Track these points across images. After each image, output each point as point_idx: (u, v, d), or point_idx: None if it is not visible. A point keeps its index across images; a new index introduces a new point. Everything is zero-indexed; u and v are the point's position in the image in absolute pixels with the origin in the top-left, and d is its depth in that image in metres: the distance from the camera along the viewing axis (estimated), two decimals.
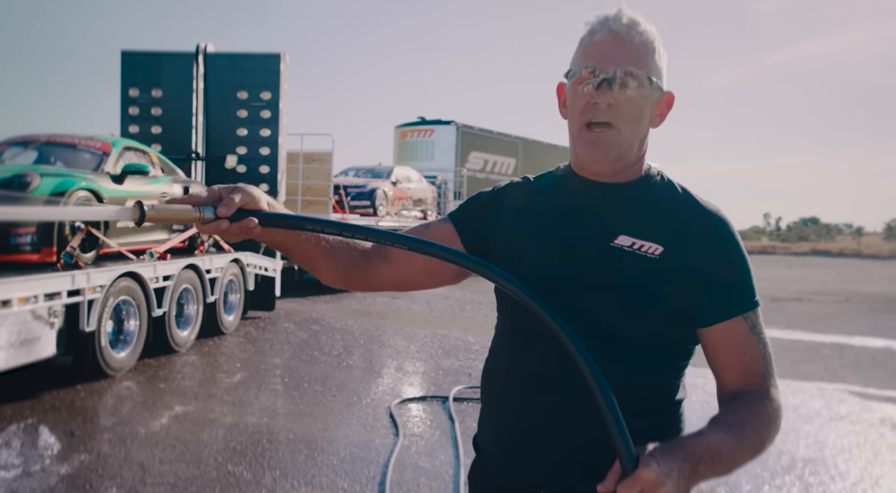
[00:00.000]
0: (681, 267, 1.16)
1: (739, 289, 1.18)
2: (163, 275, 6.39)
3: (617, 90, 1.13)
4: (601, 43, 1.15)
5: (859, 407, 5.84)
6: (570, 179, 1.27)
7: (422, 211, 15.56)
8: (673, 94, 1.22)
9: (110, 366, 5.63)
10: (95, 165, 6.34)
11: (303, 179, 11.76)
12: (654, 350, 1.18)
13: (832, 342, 8.97)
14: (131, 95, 9.09)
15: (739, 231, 1.22)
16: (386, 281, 1.32)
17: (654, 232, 1.17)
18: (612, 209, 1.21)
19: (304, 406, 5.17)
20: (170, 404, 5.12)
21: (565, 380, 1.16)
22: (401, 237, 1.13)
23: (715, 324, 1.17)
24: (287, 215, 1.13)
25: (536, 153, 21.81)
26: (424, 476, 3.90)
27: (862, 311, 12.76)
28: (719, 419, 1.11)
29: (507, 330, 1.29)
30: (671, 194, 1.23)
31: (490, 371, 1.33)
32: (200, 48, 8.99)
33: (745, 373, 1.17)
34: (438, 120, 19.55)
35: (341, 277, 1.29)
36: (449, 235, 1.31)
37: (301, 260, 1.25)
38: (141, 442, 4.25)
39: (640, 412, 1.16)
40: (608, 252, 1.18)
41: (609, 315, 1.16)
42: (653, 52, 1.16)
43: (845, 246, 40.30)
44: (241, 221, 1.06)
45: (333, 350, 7.17)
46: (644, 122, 1.18)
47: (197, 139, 9.07)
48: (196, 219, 1.03)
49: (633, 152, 1.20)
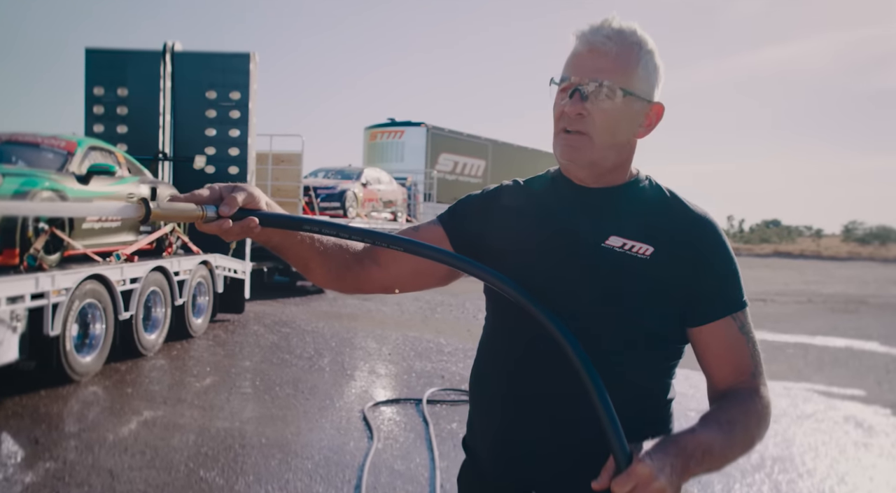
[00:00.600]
0: (671, 268, 1.17)
1: (729, 289, 1.21)
2: (130, 277, 6.26)
3: (589, 100, 1.15)
4: (578, 54, 1.17)
5: (824, 406, 5.98)
6: (560, 182, 1.28)
7: (392, 213, 15.51)
8: (662, 104, 1.22)
9: (75, 371, 5.49)
10: (60, 164, 6.19)
11: (272, 181, 11.64)
12: (646, 350, 1.19)
13: (796, 342, 9.16)
14: (96, 93, 8.90)
15: None
16: (376, 284, 1.32)
17: (644, 233, 1.19)
18: (603, 211, 1.22)
19: (276, 410, 5.11)
20: (138, 409, 5.02)
21: (558, 379, 1.16)
22: (396, 239, 1.13)
23: (705, 324, 1.19)
24: (286, 216, 1.12)
25: (506, 155, 21.91)
26: (400, 479, 3.88)
27: (823, 311, 13.07)
28: (710, 417, 1.13)
29: (497, 331, 1.29)
30: (660, 198, 1.25)
31: (480, 372, 1.32)
32: (168, 47, 8.84)
33: (734, 372, 1.20)
34: (408, 122, 19.52)
35: (333, 278, 1.28)
36: (438, 238, 1.31)
37: (295, 261, 1.24)
38: (109, 449, 4.16)
39: (631, 410, 1.17)
40: (599, 253, 1.19)
41: (601, 315, 1.17)
42: (635, 63, 1.16)
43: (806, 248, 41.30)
44: (241, 221, 1.06)
45: (304, 353, 7.11)
46: (620, 132, 1.18)
47: (164, 139, 8.92)
48: (199, 217, 1.03)
49: (608, 160, 1.20)
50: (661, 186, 1.27)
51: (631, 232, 1.19)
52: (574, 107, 1.15)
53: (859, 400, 6.24)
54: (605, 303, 1.17)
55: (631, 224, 1.20)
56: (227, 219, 1.04)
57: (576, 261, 1.19)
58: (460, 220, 1.33)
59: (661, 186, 1.27)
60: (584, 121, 1.16)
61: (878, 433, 5.25)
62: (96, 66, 8.88)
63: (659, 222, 1.20)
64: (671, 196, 1.25)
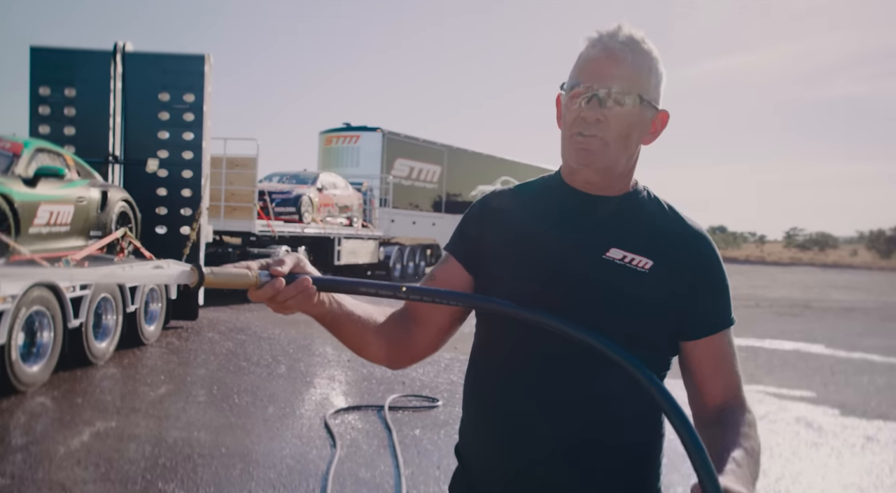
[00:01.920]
0: (669, 281, 1.19)
1: (723, 305, 1.24)
2: (80, 284, 6.05)
3: (606, 107, 1.16)
4: (595, 59, 1.17)
5: (776, 407, 6.15)
6: (561, 189, 1.27)
7: (347, 218, 15.40)
8: (668, 112, 1.24)
9: (21, 381, 5.28)
10: (5, 167, 5.96)
11: (226, 185, 11.44)
12: (642, 361, 1.19)
13: (746, 345, 9.41)
14: (41, 93, 8.60)
15: None
16: (422, 346, 1.29)
17: (643, 246, 1.20)
18: (604, 222, 1.22)
19: (235, 419, 5.00)
20: (89, 419, 4.84)
21: (565, 387, 1.17)
22: (462, 296, 1.16)
23: (701, 338, 1.21)
24: (341, 279, 1.08)
25: (461, 161, 21.96)
26: (365, 488, 3.84)
27: (770, 315, 13.46)
28: (738, 443, 1.11)
29: (499, 339, 1.26)
30: (659, 211, 1.26)
31: (479, 381, 1.29)
32: (119, 47, 8.61)
33: (726, 386, 1.22)
34: (364, 126, 19.40)
35: (389, 351, 1.25)
36: (457, 274, 1.28)
37: (350, 336, 1.20)
38: (60, 462, 4.00)
39: (625, 421, 1.19)
40: (600, 265, 1.19)
41: (599, 326, 1.16)
42: (648, 72, 1.18)
43: (750, 253, 42.59)
44: (296, 281, 1.03)
45: (262, 360, 6.98)
46: (633, 138, 1.20)
47: (115, 141, 8.67)
48: (253, 283, 1.00)
49: (619, 166, 1.21)
50: (659, 199, 1.28)
51: (631, 245, 1.20)
52: (593, 112, 1.15)
53: (809, 401, 6.44)
54: (604, 315, 1.17)
55: (631, 237, 1.21)
56: (280, 279, 1.02)
57: (576, 272, 1.19)
58: (466, 243, 1.30)
59: (659, 198, 1.29)
60: (600, 126, 1.16)
61: (828, 433, 5.42)
62: (42, 65, 8.58)
63: (658, 236, 1.22)
64: (670, 210, 1.27)
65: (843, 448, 5.06)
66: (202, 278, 0.95)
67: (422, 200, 20.51)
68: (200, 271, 0.95)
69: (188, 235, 8.57)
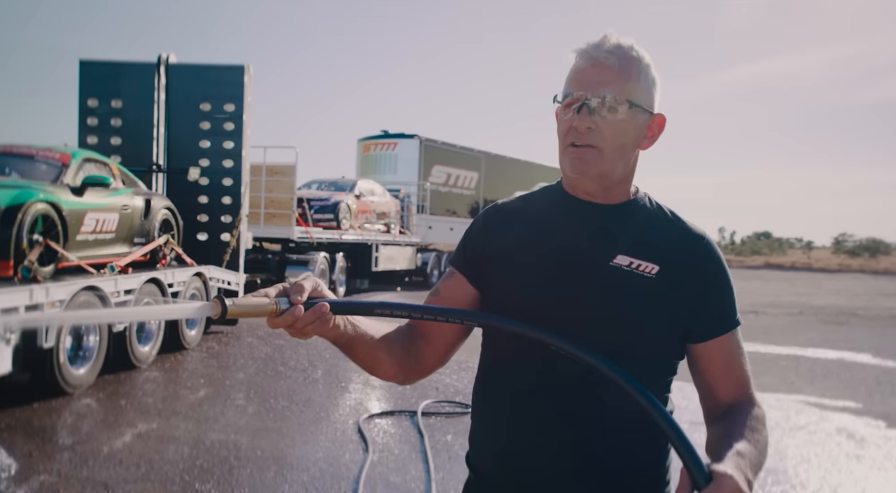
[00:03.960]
0: (676, 286, 1.21)
1: (729, 307, 1.26)
2: (124, 289, 6.25)
3: (596, 114, 1.17)
4: (581, 69, 1.20)
5: (816, 417, 6.01)
6: (563, 198, 1.29)
7: (385, 224, 15.54)
8: (664, 116, 1.25)
9: (69, 383, 5.47)
10: (54, 176, 6.19)
11: (266, 192, 11.65)
12: (650, 366, 1.22)
13: (788, 354, 9.21)
14: (90, 105, 8.89)
15: None
16: (431, 361, 1.31)
17: (649, 252, 1.22)
18: (609, 229, 1.24)
19: (271, 422, 5.10)
20: (132, 421, 5.00)
21: (577, 400, 1.20)
22: (473, 315, 1.19)
23: (710, 339, 1.24)
24: (357, 302, 1.10)
25: (499, 167, 21.96)
26: (396, 492, 3.88)
27: (815, 323, 13.15)
28: (738, 431, 1.13)
29: (510, 350, 1.27)
30: (662, 217, 1.28)
31: (489, 390, 1.31)
32: (162, 59, 8.86)
33: (736, 385, 1.25)
34: (402, 133, 19.54)
35: (401, 369, 1.27)
36: (463, 288, 1.31)
37: (364, 356, 1.22)
38: (103, 461, 4.14)
39: (635, 426, 1.20)
40: (607, 271, 1.21)
41: (609, 333, 1.19)
42: (637, 76, 1.19)
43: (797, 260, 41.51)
44: (314, 307, 1.05)
45: (298, 365, 7.10)
46: (627, 144, 1.21)
47: (158, 151, 8.91)
48: (273, 311, 1.02)
49: (617, 172, 1.23)
50: (661, 205, 1.30)
51: (637, 251, 1.22)
52: (583, 121, 1.17)
53: (851, 412, 6.28)
54: (613, 321, 1.19)
55: (637, 243, 1.23)
56: (299, 306, 1.03)
57: (584, 279, 1.21)
58: (470, 256, 1.32)
59: (660, 204, 1.31)
60: (592, 134, 1.18)
61: (870, 445, 5.28)
62: (90, 78, 8.88)
63: (662, 241, 1.24)
64: (672, 215, 1.29)
65: (885, 461, 4.93)
66: (225, 309, 0.97)
67: (459, 207, 20.56)
68: (223, 303, 0.97)
69: (228, 242, 8.77)
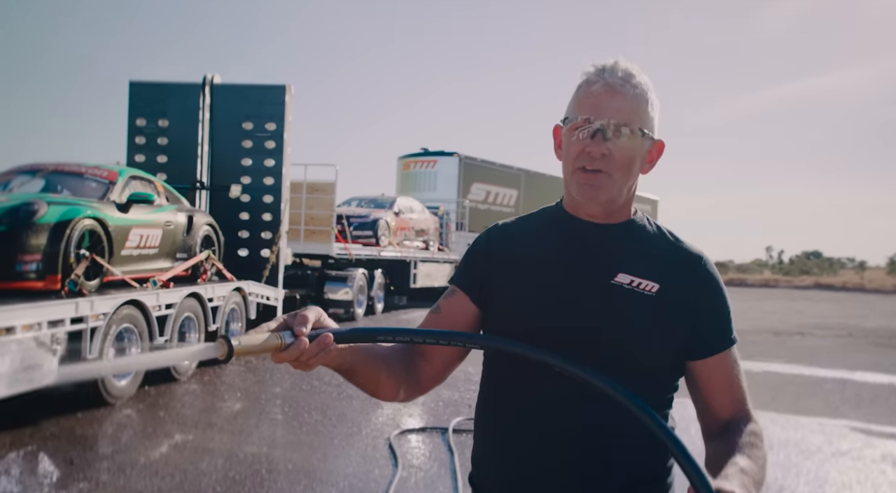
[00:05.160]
0: (675, 304, 1.23)
1: (727, 324, 1.28)
2: (165, 303, 6.42)
3: (610, 140, 1.19)
4: (597, 94, 1.21)
5: (861, 443, 5.81)
6: (564, 218, 1.31)
7: (424, 241, 15.62)
8: (663, 142, 1.28)
9: (111, 394, 5.64)
10: (101, 193, 6.42)
11: (306, 209, 11.84)
12: (650, 383, 1.23)
13: (834, 377, 8.93)
14: (138, 124, 9.22)
15: (741, 264, 1.30)
16: (430, 379, 1.33)
17: (648, 271, 1.24)
18: (609, 249, 1.27)
19: (304, 436, 5.16)
20: (169, 432, 5.12)
21: (586, 413, 1.21)
22: (475, 337, 1.23)
23: (709, 357, 1.25)
24: (359, 329, 1.11)
25: (538, 185, 21.94)
26: None
27: (864, 346, 12.72)
28: (739, 447, 1.15)
29: (508, 374, 1.28)
30: (660, 236, 1.31)
31: (490, 406, 1.33)
32: (207, 79, 9.15)
33: (734, 401, 1.26)
34: (441, 151, 19.70)
35: (401, 389, 1.28)
36: (463, 306, 1.32)
37: (366, 380, 1.23)
38: (140, 471, 4.25)
39: (637, 445, 1.21)
40: (608, 290, 1.23)
41: (611, 351, 1.20)
42: (646, 104, 1.22)
43: (848, 280, 40.24)
44: (317, 339, 1.05)
45: (333, 380, 7.16)
46: (634, 169, 1.24)
47: (202, 168, 9.17)
48: (278, 346, 1.02)
49: (622, 196, 1.26)
50: (659, 226, 1.33)
51: (637, 269, 1.24)
52: (598, 147, 1.19)
53: None
54: (615, 339, 1.21)
55: (636, 262, 1.25)
56: (303, 339, 1.03)
57: (585, 298, 1.23)
58: (472, 275, 1.34)
59: (659, 225, 1.33)
60: (605, 160, 1.20)
61: None
62: (139, 98, 9.22)
63: (661, 260, 1.26)
64: (670, 235, 1.31)
65: None
66: (231, 349, 0.98)
67: None
68: (229, 344, 0.98)
69: (268, 258, 8.94)
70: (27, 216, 5.32)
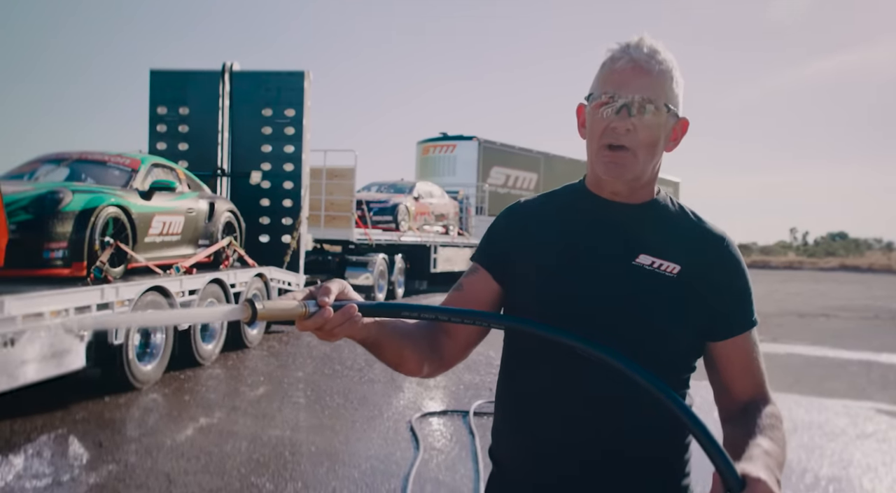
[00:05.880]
0: (697, 285, 1.22)
1: (749, 306, 1.27)
2: (188, 289, 6.51)
3: (635, 116, 1.19)
4: (622, 70, 1.20)
5: (886, 425, 5.75)
6: (586, 197, 1.31)
7: (444, 226, 15.63)
8: (688, 119, 1.27)
9: (137, 378, 5.74)
10: (125, 181, 6.50)
11: (326, 195, 11.90)
12: (670, 364, 1.23)
13: (859, 359, 8.83)
14: (159, 112, 9.30)
15: (765, 246, 1.29)
16: (453, 355, 1.32)
17: (670, 252, 1.23)
18: (631, 229, 1.26)
19: (326, 419, 5.22)
20: (195, 416, 5.21)
21: (596, 393, 1.21)
22: (504, 318, 1.23)
23: (730, 338, 1.25)
24: (385, 303, 1.11)
25: (558, 168, 21.82)
26: (444, 490, 3.93)
27: (891, 327, 12.54)
28: (760, 430, 1.15)
29: (529, 353, 1.28)
30: (683, 217, 1.30)
31: (510, 383, 1.33)
32: (227, 67, 9.18)
33: (753, 383, 1.26)
34: (460, 136, 19.65)
35: (424, 365, 1.27)
36: (485, 283, 1.32)
37: (390, 354, 1.22)
38: (167, 453, 4.33)
39: (657, 425, 1.21)
40: (630, 271, 1.23)
41: (632, 332, 1.19)
42: (670, 81, 1.21)
43: (875, 261, 39.57)
44: (342, 309, 1.05)
45: (355, 364, 7.23)
46: (659, 146, 1.23)
47: (222, 156, 9.25)
48: (302, 314, 1.02)
49: (647, 174, 1.25)
50: (682, 206, 1.31)
51: (659, 250, 1.23)
52: (623, 122, 1.18)
53: None
54: (636, 320, 1.20)
55: (658, 243, 1.24)
56: (328, 308, 1.03)
57: (607, 279, 1.23)
58: (493, 252, 1.34)
59: (682, 205, 1.32)
60: (629, 136, 1.19)
61: None
62: (160, 87, 9.28)
63: (683, 241, 1.25)
64: (693, 215, 1.30)
65: None
66: (255, 313, 0.98)
67: None
68: (253, 307, 0.98)
69: (289, 244, 9.01)
70: (53, 205, 5.40)
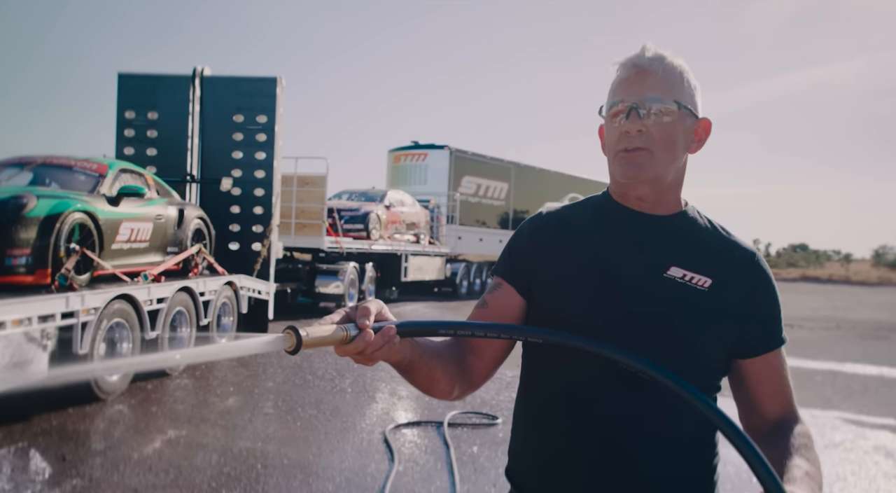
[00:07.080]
0: (727, 300, 1.21)
1: (778, 322, 1.26)
2: (157, 297, 6.36)
3: (645, 116, 1.18)
4: (626, 77, 1.21)
5: (853, 435, 5.85)
6: (613, 209, 1.28)
7: (415, 235, 15.59)
8: (710, 120, 1.25)
9: (102, 389, 5.58)
10: (91, 186, 6.34)
11: (297, 202, 11.77)
12: (699, 379, 1.18)
13: (824, 369, 9.00)
14: (127, 117, 9.10)
15: None
16: (482, 374, 1.28)
17: (701, 265, 1.22)
18: (661, 241, 1.24)
19: (298, 431, 5.13)
20: (162, 428, 5.07)
21: (626, 410, 1.18)
22: (534, 331, 1.18)
23: (760, 355, 1.23)
24: (421, 322, 1.09)
25: (529, 178, 21.91)
26: None
27: (852, 338, 12.83)
28: (796, 451, 1.14)
29: (556, 367, 1.25)
30: (713, 231, 1.28)
31: (532, 400, 1.29)
32: (197, 71, 9.03)
33: (783, 401, 1.25)
34: (432, 144, 19.61)
35: (455, 386, 1.24)
36: (511, 299, 1.28)
37: (423, 377, 1.19)
38: (133, 467, 4.20)
39: (686, 439, 1.19)
40: (661, 283, 1.21)
41: (662, 345, 1.17)
42: (680, 80, 1.21)
43: (834, 272, 40.57)
44: (381, 331, 1.02)
45: (327, 374, 7.14)
46: (678, 146, 1.21)
47: (192, 161, 9.08)
48: (344, 338, 1.00)
49: (668, 176, 1.23)
50: (710, 220, 1.30)
51: (690, 263, 1.22)
52: (633, 124, 1.18)
53: (891, 429, 6.10)
54: (666, 333, 1.18)
55: (689, 255, 1.23)
56: (369, 331, 1.01)
57: (638, 291, 1.20)
58: (517, 266, 1.30)
59: (710, 218, 1.30)
60: (643, 137, 1.18)
61: None
62: (128, 90, 9.09)
63: (714, 255, 1.24)
64: (722, 229, 1.29)
65: None
66: (300, 341, 0.96)
67: (489, 217, 20.55)
68: (298, 336, 0.96)
69: (259, 252, 8.88)
70: (16, 210, 5.23)
